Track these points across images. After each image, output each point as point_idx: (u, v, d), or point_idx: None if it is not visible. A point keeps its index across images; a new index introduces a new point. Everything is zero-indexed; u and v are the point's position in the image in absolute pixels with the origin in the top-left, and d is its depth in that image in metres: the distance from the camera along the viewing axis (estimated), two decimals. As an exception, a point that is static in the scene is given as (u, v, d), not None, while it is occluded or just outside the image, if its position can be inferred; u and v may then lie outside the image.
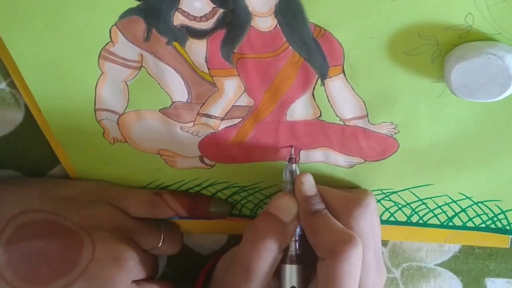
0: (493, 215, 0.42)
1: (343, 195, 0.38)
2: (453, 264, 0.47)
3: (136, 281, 0.41)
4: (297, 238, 0.38)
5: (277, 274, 0.38)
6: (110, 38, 0.35)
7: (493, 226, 0.43)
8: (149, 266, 0.43)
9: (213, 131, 0.39)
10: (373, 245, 0.38)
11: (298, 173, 0.39)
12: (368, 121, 0.37)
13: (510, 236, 0.44)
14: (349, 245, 0.34)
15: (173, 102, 0.38)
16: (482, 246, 0.45)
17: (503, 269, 0.47)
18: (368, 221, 0.37)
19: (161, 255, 0.46)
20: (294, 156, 0.39)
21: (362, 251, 0.34)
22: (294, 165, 0.39)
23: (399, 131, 0.38)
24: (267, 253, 0.36)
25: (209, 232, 0.48)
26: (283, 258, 0.37)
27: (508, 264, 0.47)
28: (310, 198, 0.38)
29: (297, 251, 0.38)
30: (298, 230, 0.38)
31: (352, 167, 0.41)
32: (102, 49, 0.35)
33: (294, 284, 0.37)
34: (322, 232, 0.36)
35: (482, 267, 0.47)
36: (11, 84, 0.39)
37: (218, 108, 0.38)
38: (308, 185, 0.38)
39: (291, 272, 0.37)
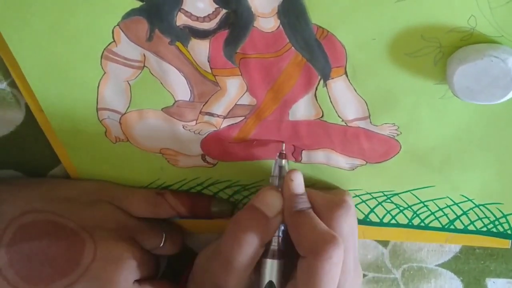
0: (494, 218, 0.42)
1: (326, 197, 0.39)
2: (454, 265, 0.47)
3: (137, 281, 0.41)
4: (280, 234, 0.38)
5: (258, 268, 0.38)
6: (113, 38, 0.35)
7: (494, 230, 0.43)
8: (150, 266, 0.43)
9: (215, 129, 0.39)
10: (353, 248, 0.38)
11: (287, 170, 0.39)
12: (370, 122, 0.37)
13: (511, 240, 0.44)
14: (331, 245, 0.34)
15: (175, 101, 0.38)
16: (483, 246, 0.45)
17: (504, 269, 0.47)
18: (349, 223, 0.37)
19: (162, 255, 0.46)
20: (284, 152, 0.39)
21: (343, 251, 0.35)
22: (284, 160, 0.39)
23: (401, 133, 0.38)
24: (248, 246, 0.36)
25: (210, 232, 0.48)
26: (265, 253, 0.38)
27: (509, 264, 0.47)
28: (297, 196, 0.38)
29: (280, 247, 0.38)
30: (282, 226, 0.38)
31: (353, 169, 0.41)
32: (104, 49, 0.35)
33: (273, 279, 0.37)
34: (305, 230, 0.36)
35: (483, 268, 0.47)
36: (12, 84, 0.39)
37: (220, 106, 0.38)
38: (297, 182, 0.38)
39: (271, 267, 0.37)
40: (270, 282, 0.37)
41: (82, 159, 0.42)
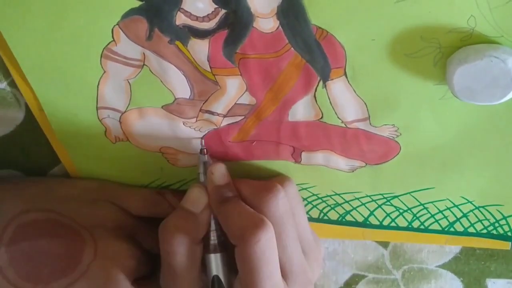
0: (494, 220, 0.42)
1: (255, 184, 0.39)
2: (454, 265, 0.47)
3: (137, 280, 0.41)
4: (215, 227, 0.38)
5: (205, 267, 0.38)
6: (113, 37, 0.35)
7: (494, 232, 0.42)
8: (150, 265, 0.43)
9: (215, 127, 0.39)
10: (293, 226, 0.38)
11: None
12: (370, 123, 0.37)
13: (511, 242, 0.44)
14: (257, 229, 0.34)
15: (175, 99, 0.38)
16: (484, 247, 0.45)
17: (504, 269, 0.47)
18: (281, 204, 0.37)
19: None
20: (204, 147, 0.40)
21: (272, 232, 0.35)
22: (205, 156, 0.39)
23: (401, 134, 0.38)
24: (180, 246, 0.36)
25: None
26: (206, 249, 0.38)
27: (509, 265, 0.47)
28: (221, 187, 0.38)
29: (221, 240, 0.38)
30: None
31: (353, 171, 0.41)
32: (104, 48, 0.35)
33: (219, 273, 0.38)
34: (232, 218, 0.36)
35: (483, 268, 0.47)
36: (12, 84, 0.39)
37: (220, 105, 0.38)
38: (219, 174, 0.38)
39: (215, 261, 0.38)
40: (216, 277, 0.37)
41: (82, 158, 0.42)
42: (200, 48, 0.35)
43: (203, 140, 0.40)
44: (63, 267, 0.39)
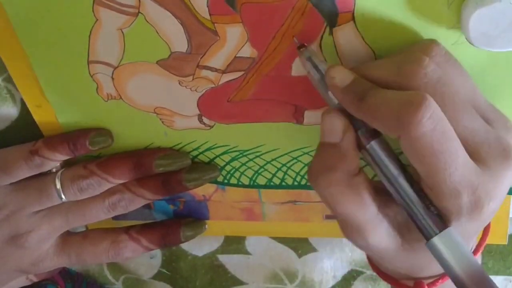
0: None
1: (386, 63, 0.32)
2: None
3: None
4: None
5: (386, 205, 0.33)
6: (106, -22, 0.33)
7: None
8: None
9: (213, 85, 0.37)
10: (456, 93, 0.31)
11: (318, 58, 0.34)
12: (378, 74, 0.35)
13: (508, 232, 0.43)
14: (412, 107, 0.28)
15: (171, 53, 0.36)
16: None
17: (502, 266, 0.46)
18: (431, 72, 0.30)
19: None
20: (303, 43, 0.34)
21: (434, 103, 0.28)
22: (309, 49, 0.34)
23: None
24: (336, 187, 0.32)
25: (204, 234, 0.46)
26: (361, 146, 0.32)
27: (507, 261, 0.46)
28: (350, 87, 0.32)
29: (369, 128, 0.32)
30: None
31: None
32: (97, -8, 0.34)
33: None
34: (379, 110, 0.30)
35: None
36: (7, 79, 0.39)
37: (219, 59, 0.36)
38: (341, 76, 0.32)
39: (374, 151, 0.32)
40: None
41: (71, 118, 0.40)
42: (199, -7, 0.33)
43: (295, 38, 0.34)
44: None
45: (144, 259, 0.50)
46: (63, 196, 0.40)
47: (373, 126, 0.31)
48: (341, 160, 0.32)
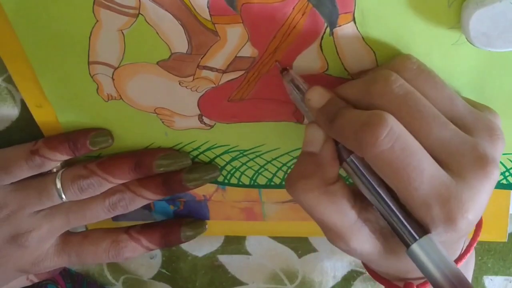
0: (505, 169, 0.40)
1: (358, 82, 0.33)
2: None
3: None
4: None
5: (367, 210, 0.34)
6: (107, -20, 0.33)
7: (504, 181, 0.41)
8: None
9: (214, 85, 0.37)
10: (426, 105, 0.31)
11: (299, 80, 0.35)
12: (379, 74, 0.36)
13: (508, 231, 0.43)
14: (368, 129, 0.29)
15: (172, 54, 0.36)
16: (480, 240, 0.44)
17: (501, 266, 0.47)
18: (397, 88, 0.31)
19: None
20: (286, 67, 0.35)
21: (393, 120, 0.29)
22: (290, 72, 0.35)
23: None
24: (313, 191, 0.32)
25: (205, 234, 0.46)
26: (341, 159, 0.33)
27: (506, 261, 0.46)
28: (324, 108, 0.33)
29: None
30: None
31: None
32: (97, -6, 0.34)
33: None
34: (344, 130, 0.31)
35: (480, 265, 0.47)
36: (7, 80, 0.39)
37: (220, 59, 0.36)
38: (316, 97, 0.33)
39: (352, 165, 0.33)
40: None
41: (71, 119, 0.40)
42: (200, -6, 0.33)
43: (277, 63, 0.36)
44: None
45: (144, 259, 0.51)
46: (63, 196, 0.40)
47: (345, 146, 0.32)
48: (318, 168, 0.33)
